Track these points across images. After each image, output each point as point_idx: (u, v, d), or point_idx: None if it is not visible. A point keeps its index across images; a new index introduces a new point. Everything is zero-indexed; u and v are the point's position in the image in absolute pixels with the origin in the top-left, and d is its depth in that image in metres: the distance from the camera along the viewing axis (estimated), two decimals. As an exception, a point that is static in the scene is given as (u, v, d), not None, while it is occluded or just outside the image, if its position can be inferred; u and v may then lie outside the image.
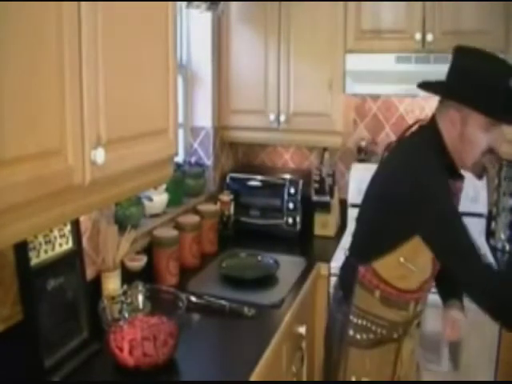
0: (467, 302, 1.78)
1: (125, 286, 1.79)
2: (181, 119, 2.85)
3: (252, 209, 2.90)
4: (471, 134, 1.60)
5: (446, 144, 1.64)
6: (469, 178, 2.86)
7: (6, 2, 0.92)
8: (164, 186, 2.45)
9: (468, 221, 2.78)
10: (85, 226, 1.83)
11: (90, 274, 1.84)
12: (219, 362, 1.74)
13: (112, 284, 1.88)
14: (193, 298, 2.00)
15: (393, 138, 2.88)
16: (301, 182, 2.85)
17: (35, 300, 1.50)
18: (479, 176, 1.72)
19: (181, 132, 2.86)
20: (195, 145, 2.94)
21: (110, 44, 1.22)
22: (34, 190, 1.02)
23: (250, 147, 3.30)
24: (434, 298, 2.41)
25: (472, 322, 2.39)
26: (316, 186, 2.91)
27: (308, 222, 2.91)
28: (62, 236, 1.62)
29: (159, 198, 2.44)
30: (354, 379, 1.79)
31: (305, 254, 2.66)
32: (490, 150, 1.63)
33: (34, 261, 1.51)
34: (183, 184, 2.72)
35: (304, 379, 2.21)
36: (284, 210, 2.85)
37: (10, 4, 0.93)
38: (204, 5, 2.59)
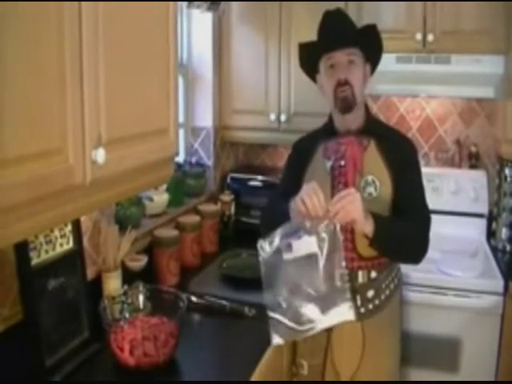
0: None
1: (125, 286, 1.79)
2: (181, 119, 2.85)
3: (253, 209, 2.89)
4: (321, 80, 1.89)
5: None
6: (469, 179, 2.87)
7: (7, 2, 0.92)
8: (164, 186, 2.45)
9: (468, 221, 2.84)
10: (85, 226, 1.83)
11: (90, 273, 1.84)
12: (220, 361, 1.74)
13: (113, 284, 1.88)
14: (193, 298, 2.00)
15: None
16: (301, 182, 2.84)
17: (36, 300, 1.50)
18: (344, 109, 1.84)
19: (181, 132, 2.86)
20: (196, 145, 2.93)
21: (110, 44, 1.22)
22: (35, 189, 1.02)
23: (251, 147, 3.30)
24: (428, 296, 2.42)
25: (472, 322, 2.40)
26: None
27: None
28: (62, 236, 1.62)
29: (160, 198, 2.44)
30: (297, 359, 1.99)
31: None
32: (339, 83, 1.79)
33: (35, 261, 1.51)
34: (184, 184, 2.72)
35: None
36: (284, 210, 2.84)
37: (11, 4, 0.93)
38: (205, 5, 2.59)
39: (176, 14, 1.54)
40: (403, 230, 1.74)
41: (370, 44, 1.84)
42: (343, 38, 1.79)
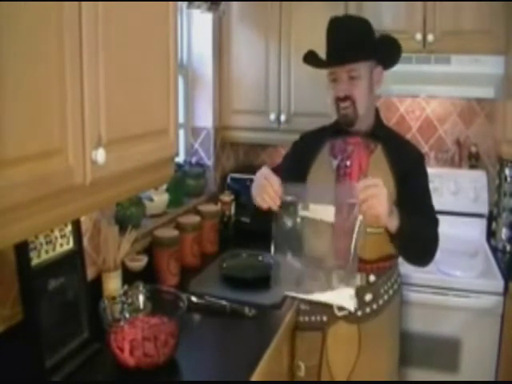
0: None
1: (125, 286, 1.79)
2: (181, 119, 2.85)
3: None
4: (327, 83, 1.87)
5: None
6: (469, 179, 2.87)
7: (6, 2, 0.92)
8: (165, 186, 2.45)
9: (468, 221, 2.84)
10: (85, 226, 1.83)
11: (90, 274, 1.84)
12: (220, 362, 1.74)
13: (113, 284, 1.89)
14: (193, 298, 2.00)
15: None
16: (301, 182, 2.84)
17: (36, 300, 1.50)
18: (345, 125, 1.86)
19: (181, 132, 2.86)
20: (196, 145, 2.94)
21: (110, 44, 1.22)
22: (35, 189, 1.02)
23: (251, 147, 3.30)
24: (428, 296, 2.42)
25: (472, 322, 2.40)
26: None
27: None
28: (62, 236, 1.62)
29: (160, 198, 2.44)
30: (295, 361, 1.99)
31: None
32: (338, 99, 1.80)
33: (35, 261, 1.51)
34: (184, 184, 2.72)
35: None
36: (285, 210, 2.84)
37: (11, 4, 0.93)
38: (205, 5, 2.59)
39: (176, 14, 1.54)
40: (421, 227, 1.72)
41: (382, 54, 1.81)
42: (342, 56, 1.75)
